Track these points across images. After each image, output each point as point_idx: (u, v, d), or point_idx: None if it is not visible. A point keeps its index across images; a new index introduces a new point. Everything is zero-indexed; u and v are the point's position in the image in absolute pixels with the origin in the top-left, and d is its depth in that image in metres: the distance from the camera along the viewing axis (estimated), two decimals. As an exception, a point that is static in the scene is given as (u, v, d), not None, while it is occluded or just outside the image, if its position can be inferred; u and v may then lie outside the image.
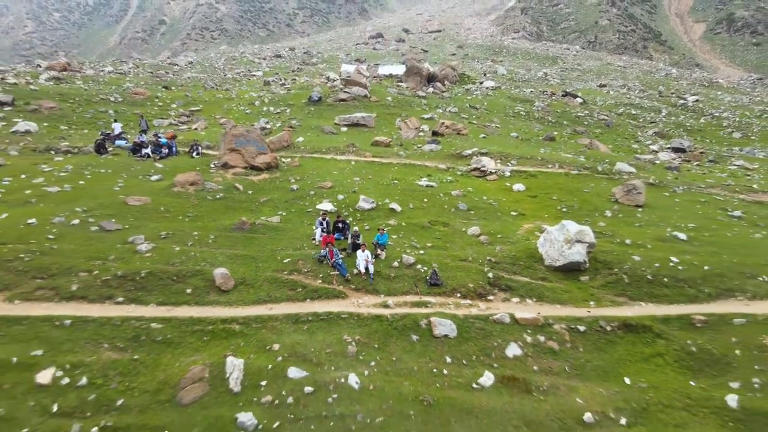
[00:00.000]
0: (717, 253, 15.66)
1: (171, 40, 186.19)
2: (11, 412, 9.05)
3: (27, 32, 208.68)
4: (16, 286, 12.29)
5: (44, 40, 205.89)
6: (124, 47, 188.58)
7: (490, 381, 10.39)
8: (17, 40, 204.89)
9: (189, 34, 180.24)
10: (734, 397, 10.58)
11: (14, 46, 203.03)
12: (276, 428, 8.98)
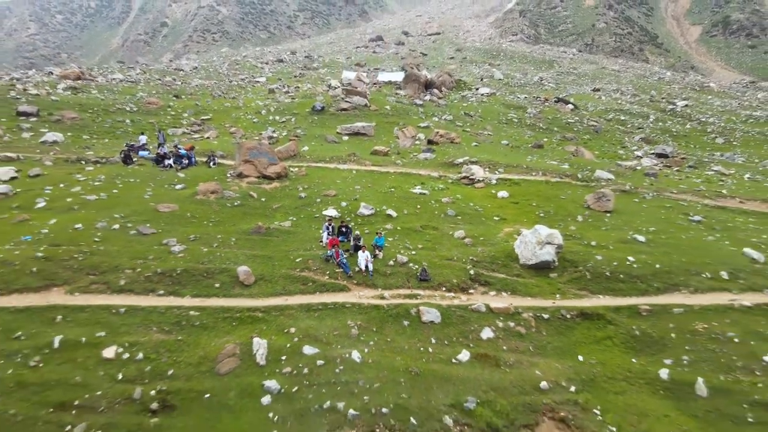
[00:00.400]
0: (669, 254, 18.16)
1: (173, 42, 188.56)
2: (86, 380, 11.53)
3: (30, 34, 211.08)
4: (74, 281, 14.80)
5: (47, 42, 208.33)
6: (126, 49, 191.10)
7: (467, 357, 12.90)
8: (20, 42, 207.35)
9: (191, 36, 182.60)
10: (666, 371, 13.08)
11: (17, 48, 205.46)
12: (295, 392, 11.47)
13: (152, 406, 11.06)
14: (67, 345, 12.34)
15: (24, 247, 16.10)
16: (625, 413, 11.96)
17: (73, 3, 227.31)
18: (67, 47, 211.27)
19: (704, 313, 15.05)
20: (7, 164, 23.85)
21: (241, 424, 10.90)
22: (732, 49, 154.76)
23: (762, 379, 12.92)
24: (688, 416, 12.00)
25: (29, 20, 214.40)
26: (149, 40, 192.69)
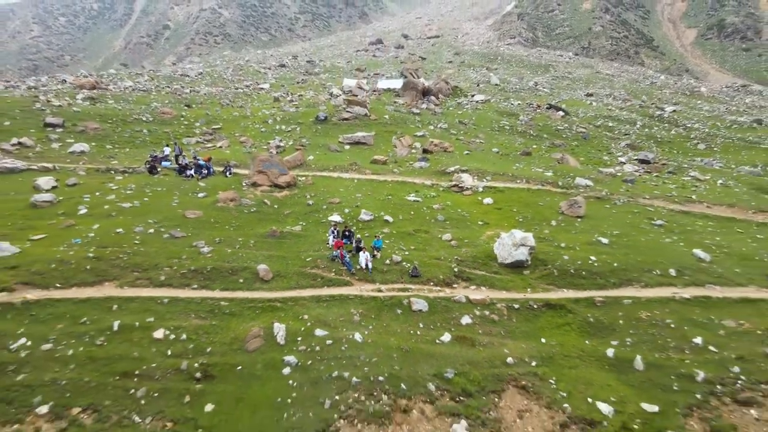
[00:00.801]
0: (628, 254, 21.12)
1: (175, 45, 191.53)
2: (142, 355, 14.49)
3: (33, 36, 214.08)
4: (122, 277, 17.76)
5: (50, 45, 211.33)
6: (129, 52, 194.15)
7: (448, 338, 15.86)
8: (24, 44, 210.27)
9: (193, 39, 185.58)
10: (611, 350, 16.05)
11: (21, 50, 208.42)
12: (309, 365, 14.43)
13: (196, 375, 14.04)
14: (124, 328, 15.31)
15: (76, 248, 19.06)
16: (575, 383, 14.91)
17: (76, 5, 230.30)
18: (70, 49, 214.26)
19: (649, 303, 18.03)
20: (45, 174, 26.82)
21: (267, 389, 13.86)
22: (727, 52, 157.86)
23: (690, 356, 15.90)
24: (626, 385, 14.96)
25: (32, 22, 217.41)
26: (152, 42, 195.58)
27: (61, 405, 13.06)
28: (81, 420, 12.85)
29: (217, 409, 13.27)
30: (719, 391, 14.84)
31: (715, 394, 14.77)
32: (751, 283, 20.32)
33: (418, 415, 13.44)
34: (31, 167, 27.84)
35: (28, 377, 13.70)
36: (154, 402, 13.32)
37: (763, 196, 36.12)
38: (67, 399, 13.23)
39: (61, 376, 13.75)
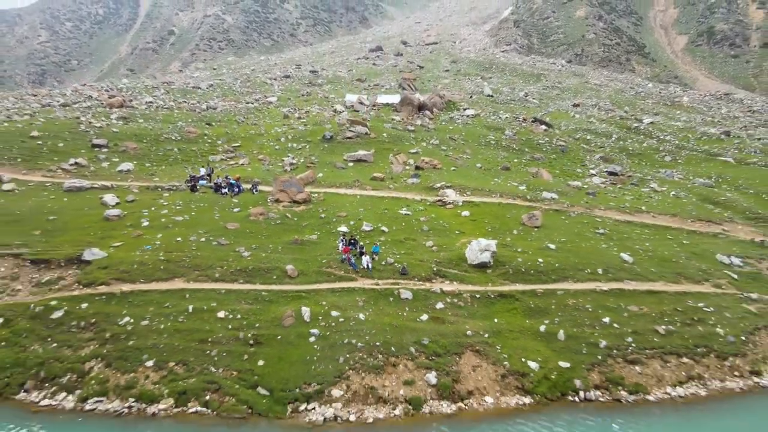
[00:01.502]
0: (568, 257, 27.64)
1: (180, 50, 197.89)
2: (211, 328, 21.00)
3: (41, 42, 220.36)
4: (187, 275, 24.26)
5: (57, 50, 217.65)
6: (135, 57, 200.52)
7: (426, 318, 22.38)
8: (32, 50, 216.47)
9: (197, 45, 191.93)
10: (543, 327, 22.57)
11: (29, 56, 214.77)
12: (328, 335, 20.93)
13: (250, 342, 20.59)
14: (196, 310, 21.84)
15: (149, 253, 25.58)
16: (514, 348, 21.44)
17: (82, 10, 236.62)
18: (77, 54, 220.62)
19: (576, 294, 24.56)
20: (106, 191, 33.36)
21: (299, 351, 20.38)
22: (716, 58, 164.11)
23: (598, 330, 22.45)
24: (550, 350, 21.48)
25: (40, 28, 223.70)
26: (157, 48, 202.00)
27: (161, 360, 19.65)
28: (175, 370, 19.44)
29: (266, 363, 19.81)
30: (615, 354, 21.43)
31: (612, 356, 21.36)
32: (660, 279, 26.89)
33: (402, 368, 19.98)
34: (93, 185, 34.40)
35: (136, 343, 20.28)
36: (223, 359, 19.89)
37: (707, 206, 42.69)
38: (165, 356, 19.81)
39: (159, 341, 20.32)
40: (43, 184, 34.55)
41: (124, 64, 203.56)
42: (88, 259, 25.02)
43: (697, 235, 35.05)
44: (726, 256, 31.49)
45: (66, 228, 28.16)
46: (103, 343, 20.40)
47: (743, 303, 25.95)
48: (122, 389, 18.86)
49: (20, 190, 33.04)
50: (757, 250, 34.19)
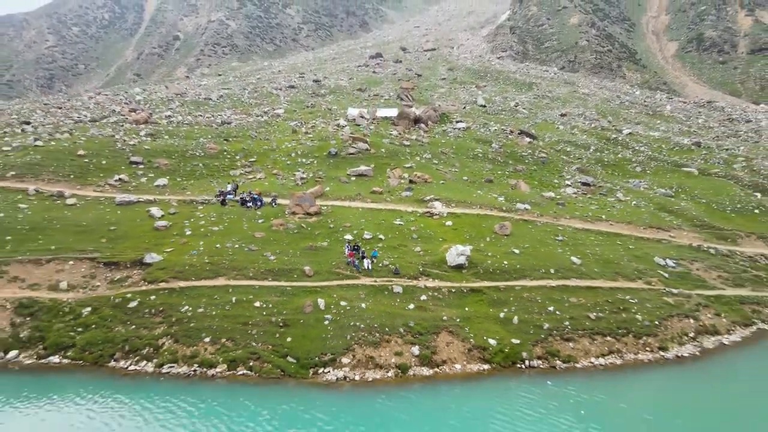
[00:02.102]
0: (529, 259, 34.85)
1: (185, 56, 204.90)
2: (250, 314, 28.23)
3: (48, 46, 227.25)
4: (228, 274, 31.45)
5: (65, 54, 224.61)
6: (142, 62, 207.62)
7: (412, 306, 29.65)
8: (40, 54, 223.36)
9: (202, 50, 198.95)
10: (502, 314, 29.80)
11: (37, 60, 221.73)
12: (338, 319, 28.13)
13: (280, 324, 27.81)
14: (238, 301, 29.06)
15: (195, 257, 32.80)
16: (479, 329, 28.64)
17: (88, 15, 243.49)
18: (84, 59, 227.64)
19: (530, 289, 31.78)
20: (151, 205, 40.60)
21: (317, 331, 27.59)
22: (704, 64, 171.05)
23: (544, 317, 29.66)
24: (506, 331, 28.68)
25: (47, 32, 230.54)
26: (163, 53, 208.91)
27: (215, 337, 26.87)
28: (226, 344, 26.66)
29: (293, 340, 27.00)
30: (554, 334, 28.66)
31: (552, 335, 28.59)
32: (601, 278, 34.14)
33: (394, 343, 27.19)
34: (140, 200, 41.65)
35: (195, 325, 27.50)
36: (260, 336, 27.10)
37: (661, 215, 49.92)
38: (218, 334, 27.03)
39: (212, 324, 27.54)
40: (98, 198, 41.80)
41: (130, 68, 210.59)
42: (148, 261, 32.28)
43: (644, 241, 42.31)
44: (662, 258, 38.76)
45: (125, 236, 35.43)
46: (170, 325, 27.64)
47: (664, 296, 33.22)
48: (188, 358, 26.07)
49: (80, 204, 40.29)
50: (693, 253, 41.48)
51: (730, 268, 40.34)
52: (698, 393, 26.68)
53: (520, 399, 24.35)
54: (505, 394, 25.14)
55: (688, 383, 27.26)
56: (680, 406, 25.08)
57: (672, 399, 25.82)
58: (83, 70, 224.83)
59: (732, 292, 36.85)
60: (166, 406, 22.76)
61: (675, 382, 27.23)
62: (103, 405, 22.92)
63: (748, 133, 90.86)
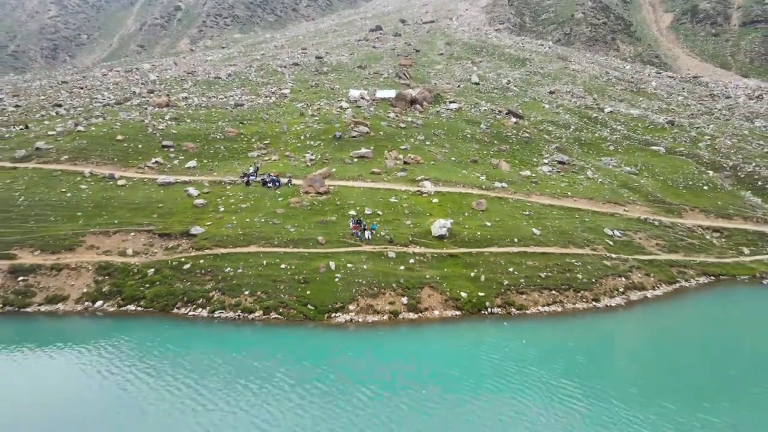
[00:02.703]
0: (498, 231, 43.43)
1: (188, 27, 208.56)
2: (278, 273, 37.02)
3: (51, 16, 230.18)
4: (258, 243, 40.08)
5: (67, 24, 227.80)
6: (145, 33, 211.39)
7: (402, 268, 38.46)
8: (43, 24, 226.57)
9: (204, 21, 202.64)
10: (473, 273, 38.61)
11: (41, 30, 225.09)
12: (346, 276, 36.90)
13: (301, 280, 36.64)
14: (268, 263, 37.80)
15: (230, 229, 41.37)
16: (453, 285, 37.47)
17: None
18: (87, 28, 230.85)
19: (496, 255, 40.48)
20: (187, 185, 48.91)
21: (329, 286, 36.42)
22: (698, 36, 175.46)
23: (505, 275, 38.44)
24: (474, 286, 37.50)
25: (49, 2, 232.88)
26: (165, 24, 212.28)
27: (252, 291, 35.73)
28: (261, 296, 35.57)
29: (311, 293, 35.88)
30: (512, 288, 37.52)
31: (510, 290, 37.45)
32: (555, 245, 42.77)
33: (388, 295, 36.06)
34: (177, 180, 49.95)
35: (237, 281, 36.35)
36: (287, 290, 35.95)
37: (621, 191, 58.17)
38: (254, 288, 35.91)
39: (250, 281, 36.36)
40: (142, 179, 50.15)
41: (133, 39, 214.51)
42: (194, 233, 40.90)
43: (599, 215, 50.82)
44: (611, 229, 47.37)
45: (171, 212, 43.96)
46: (217, 282, 36.45)
47: (604, 260, 41.97)
48: (233, 306, 34.97)
49: (129, 184, 48.67)
50: (639, 225, 50.05)
51: (668, 237, 49.02)
52: (617, 329, 35.82)
53: (482, 335, 33.40)
54: (471, 332, 34.14)
55: (610, 323, 36.31)
56: (602, 338, 34.23)
57: (595, 334, 34.91)
58: (86, 41, 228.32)
59: (665, 257, 45.66)
60: (219, 341, 31.76)
61: (600, 323, 36.26)
62: (170, 341, 31.84)
63: (722, 111, 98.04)
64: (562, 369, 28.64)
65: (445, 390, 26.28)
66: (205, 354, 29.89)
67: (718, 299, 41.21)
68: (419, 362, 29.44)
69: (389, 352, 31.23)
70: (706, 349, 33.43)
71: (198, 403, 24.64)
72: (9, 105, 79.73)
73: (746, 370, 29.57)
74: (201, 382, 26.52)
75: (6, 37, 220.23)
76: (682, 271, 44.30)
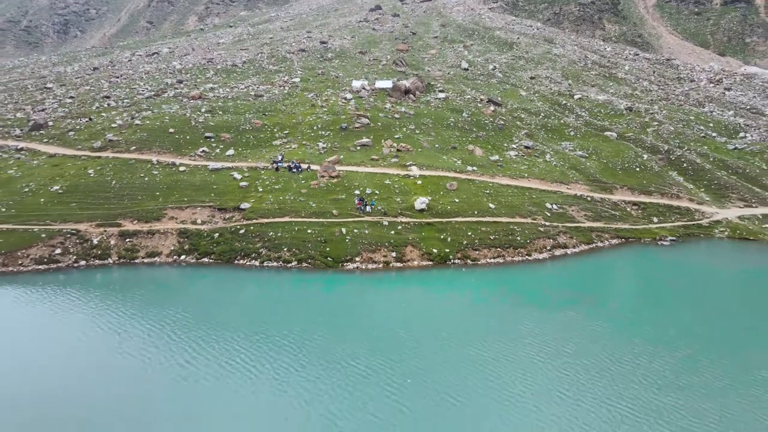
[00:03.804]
0: (463, 206, 60.36)
1: (194, 3, 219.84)
2: (305, 235, 54.22)
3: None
4: (290, 215, 57.06)
5: None
6: (153, 10, 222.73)
7: (393, 232, 55.64)
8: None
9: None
10: (442, 236, 55.82)
11: (51, 5, 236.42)
12: (353, 238, 54.04)
13: (323, 241, 53.91)
14: (299, 229, 54.87)
15: (270, 204, 58.34)
16: (428, 244, 54.70)
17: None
18: (95, 3, 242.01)
19: (460, 223, 57.58)
20: (231, 171, 65.61)
21: (342, 245, 53.61)
22: (681, 15, 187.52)
23: (465, 237, 55.62)
24: (443, 245, 54.71)
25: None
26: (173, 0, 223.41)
27: (290, 248, 53.08)
28: (295, 251, 52.96)
29: (329, 249, 53.15)
30: (469, 246, 54.87)
31: (467, 247, 54.79)
32: (504, 216, 59.79)
33: (382, 251, 53.27)
34: (224, 166, 66.62)
35: (278, 242, 53.65)
36: (313, 247, 53.20)
37: (569, 172, 74.74)
38: (290, 246, 53.24)
39: (287, 241, 53.59)
40: (196, 166, 66.78)
41: (142, 15, 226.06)
42: (243, 207, 57.83)
43: (545, 192, 67.57)
44: (551, 204, 64.22)
45: (224, 192, 60.79)
46: (264, 242, 53.60)
47: (539, 227, 58.99)
48: (276, 258, 52.21)
49: (188, 170, 65.35)
50: (575, 200, 66.89)
51: (596, 209, 65.92)
52: (541, 273, 53.30)
53: (447, 277, 50.87)
54: (439, 275, 51.55)
55: (537, 270, 53.66)
56: (529, 279, 51.73)
57: (525, 276, 52.33)
58: (95, 15, 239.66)
59: (588, 225, 62.69)
60: (267, 282, 49.19)
61: (530, 270, 53.58)
62: (234, 282, 49.29)
63: (679, 97, 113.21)
64: (498, 296, 46.25)
65: (419, 307, 43.94)
66: (259, 290, 47.57)
67: (620, 254, 58.52)
68: (402, 294, 47.13)
69: (383, 288, 48.78)
70: (598, 282, 51.00)
71: (254, 314, 42.27)
72: (63, 96, 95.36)
73: (626, 299, 47.25)
74: (255, 303, 44.26)
75: (18, 13, 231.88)
76: (600, 234, 61.39)
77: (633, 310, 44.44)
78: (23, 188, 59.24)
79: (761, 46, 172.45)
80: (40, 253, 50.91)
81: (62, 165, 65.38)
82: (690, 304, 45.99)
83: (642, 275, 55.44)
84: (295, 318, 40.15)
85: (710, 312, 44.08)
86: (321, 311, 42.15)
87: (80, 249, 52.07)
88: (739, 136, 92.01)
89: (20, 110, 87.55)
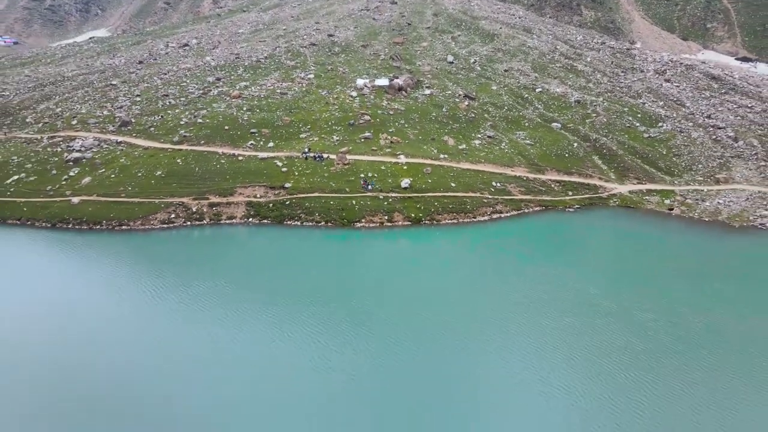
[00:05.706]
0: (434, 185, 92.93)
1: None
2: (330, 206, 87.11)
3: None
4: (320, 191, 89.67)
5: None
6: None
7: (386, 203, 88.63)
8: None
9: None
10: (419, 205, 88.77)
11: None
12: (360, 207, 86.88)
13: (341, 209, 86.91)
14: (325, 201, 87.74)
15: (305, 184, 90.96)
16: (409, 211, 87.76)
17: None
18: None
19: (432, 197, 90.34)
20: (275, 159, 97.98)
21: (353, 211, 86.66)
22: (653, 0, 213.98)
23: (434, 206, 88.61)
24: (418, 211, 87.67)
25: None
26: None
27: (320, 213, 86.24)
28: (323, 215, 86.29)
29: (345, 214, 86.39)
30: (435, 212, 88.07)
31: (435, 213, 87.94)
32: (461, 191, 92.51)
33: (379, 215, 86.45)
34: (268, 156, 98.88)
35: (311, 209, 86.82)
36: (334, 213, 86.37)
37: (516, 158, 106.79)
38: (320, 212, 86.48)
39: (318, 209, 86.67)
40: (249, 156, 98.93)
41: None
42: (287, 186, 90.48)
43: (493, 174, 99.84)
44: (496, 182, 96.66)
45: (272, 175, 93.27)
46: (302, 210, 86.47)
47: (483, 199, 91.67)
48: (310, 219, 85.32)
49: (244, 159, 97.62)
50: (514, 180, 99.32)
51: (528, 186, 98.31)
52: (482, 230, 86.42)
53: (420, 234, 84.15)
54: (415, 232, 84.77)
55: (480, 228, 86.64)
56: (474, 234, 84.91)
57: (471, 231, 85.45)
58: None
59: (520, 197, 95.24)
60: (307, 235, 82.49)
61: (475, 227, 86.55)
62: (283, 235, 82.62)
63: (623, 89, 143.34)
64: (451, 243, 79.79)
65: (402, 250, 77.48)
66: (301, 239, 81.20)
67: (539, 217, 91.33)
68: (391, 241, 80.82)
69: (379, 239, 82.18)
70: (522, 234, 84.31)
71: (299, 254, 75.77)
72: (130, 94, 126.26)
73: (538, 243, 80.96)
74: (299, 245, 77.95)
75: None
76: (527, 204, 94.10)
77: (542, 251, 78.34)
78: (137, 173, 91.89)
79: (719, 32, 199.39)
80: (162, 217, 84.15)
81: (156, 155, 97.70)
82: (578, 246, 79.84)
83: (552, 230, 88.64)
84: (323, 255, 73.99)
85: (592, 251, 78.40)
86: (339, 252, 75.90)
87: (186, 214, 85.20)
88: (658, 125, 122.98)
89: (103, 107, 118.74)
